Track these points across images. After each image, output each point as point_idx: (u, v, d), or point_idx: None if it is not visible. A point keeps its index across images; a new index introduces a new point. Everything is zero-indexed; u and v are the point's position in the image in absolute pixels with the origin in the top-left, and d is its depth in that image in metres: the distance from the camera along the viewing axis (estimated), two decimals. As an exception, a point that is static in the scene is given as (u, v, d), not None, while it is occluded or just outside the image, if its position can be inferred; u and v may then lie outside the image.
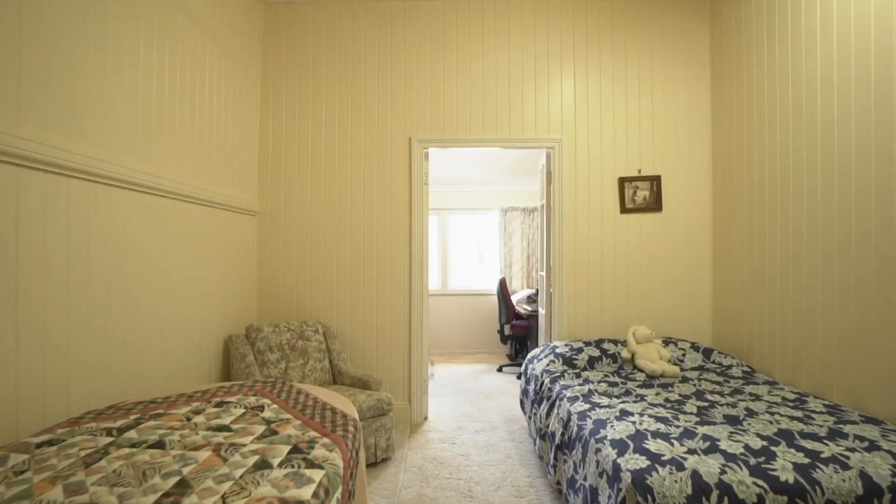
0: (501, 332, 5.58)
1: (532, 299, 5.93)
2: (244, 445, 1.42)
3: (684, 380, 2.91)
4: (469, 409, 4.05)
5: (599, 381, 2.86)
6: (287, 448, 1.40)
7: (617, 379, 2.95)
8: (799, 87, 2.75)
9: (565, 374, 3.01)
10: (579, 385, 2.78)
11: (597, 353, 3.27)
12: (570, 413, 2.42)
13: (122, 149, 2.11)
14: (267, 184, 3.70)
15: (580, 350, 3.29)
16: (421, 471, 2.86)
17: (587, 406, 2.41)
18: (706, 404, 2.41)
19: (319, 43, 3.72)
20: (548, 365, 3.19)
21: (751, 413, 2.26)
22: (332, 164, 3.70)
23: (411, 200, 3.69)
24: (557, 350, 3.32)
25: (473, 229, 6.93)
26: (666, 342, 3.39)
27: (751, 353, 3.22)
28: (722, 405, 2.39)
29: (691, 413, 2.27)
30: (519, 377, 5.09)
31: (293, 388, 2.04)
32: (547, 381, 2.99)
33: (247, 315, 3.51)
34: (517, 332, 5.26)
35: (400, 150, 3.71)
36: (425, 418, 3.77)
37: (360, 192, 3.70)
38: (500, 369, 5.48)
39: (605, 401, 2.48)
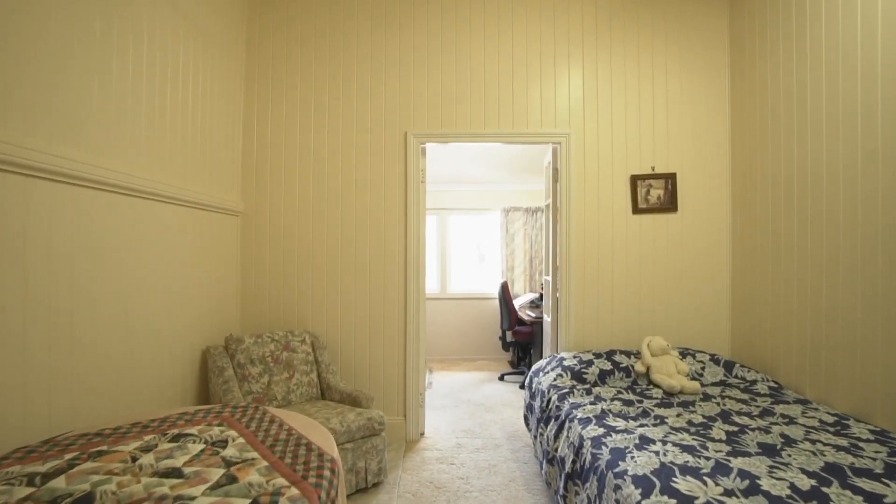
0: (503, 338, 5.31)
1: (535, 304, 5.66)
2: (192, 500, 1.15)
3: (706, 397, 2.65)
4: (469, 424, 3.78)
5: (613, 399, 2.60)
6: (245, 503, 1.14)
7: (632, 396, 2.68)
8: (835, 77, 2.48)
9: (574, 391, 2.74)
10: (591, 404, 2.52)
11: (608, 366, 3.00)
12: (582, 438, 2.15)
13: (73, 141, 1.85)
14: (251, 182, 3.43)
15: (590, 363, 3.02)
16: (416, 497, 2.59)
17: (601, 430, 2.14)
18: (735, 429, 2.14)
19: (307, 28, 3.45)
20: (555, 379, 2.93)
21: (788, 441, 1.99)
22: (322, 160, 3.44)
23: (407, 199, 3.42)
24: (565, 363, 3.06)
25: (474, 230, 6.66)
26: (683, 354, 3.12)
27: (776, 366, 2.95)
28: (753, 430, 2.12)
29: (720, 440, 2.01)
30: (522, 387, 4.83)
31: (266, 416, 1.78)
32: (554, 398, 2.72)
33: (229, 324, 3.24)
34: (520, 339, 5.00)
35: (394, 146, 3.44)
36: (422, 434, 3.50)
37: (352, 191, 3.43)
38: (501, 378, 5.22)
39: (620, 423, 2.22)
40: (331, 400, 3.02)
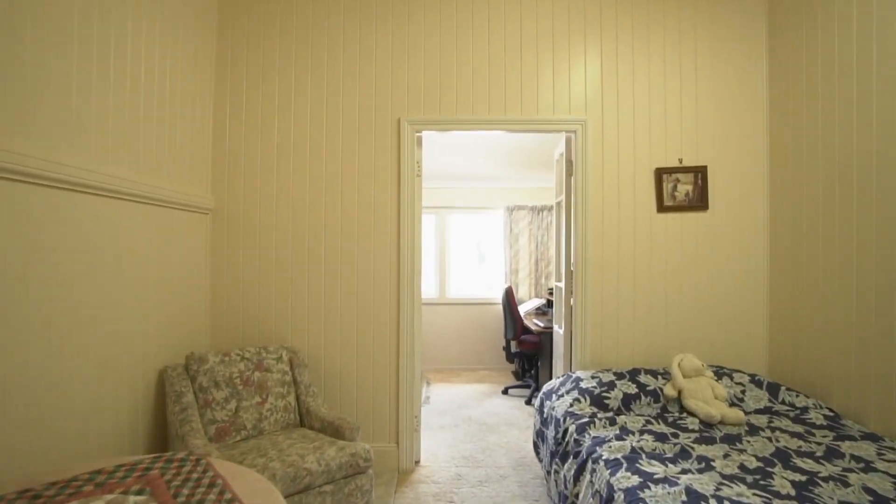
0: (507, 348, 4.89)
1: (541, 311, 5.25)
2: None
3: (752, 429, 2.23)
4: (470, 449, 3.36)
5: (642, 432, 2.18)
6: None
7: (664, 427, 2.26)
8: (912, 45, 2.06)
9: (595, 420, 2.32)
10: (617, 439, 2.10)
11: (633, 389, 2.58)
12: (611, 489, 1.73)
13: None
14: (223, 175, 3.01)
15: (611, 385, 2.60)
16: (408, 549, 2.18)
17: (636, 480, 1.72)
18: (803, 478, 1.72)
19: (286, 4, 3.03)
20: (571, 405, 2.51)
21: (879, 499, 1.57)
22: (303, 152, 3.02)
23: (400, 195, 3.00)
24: (583, 384, 2.64)
25: (475, 230, 6.24)
26: (717, 374, 2.70)
27: (829, 390, 2.53)
28: (826, 480, 1.70)
29: (789, 497, 1.59)
30: (528, 402, 4.42)
31: (206, 474, 1.35)
32: (572, 429, 2.30)
33: (196, 338, 2.83)
34: (526, 350, 4.58)
35: (386, 135, 3.02)
36: (417, 463, 3.08)
37: (338, 186, 3.01)
38: (505, 391, 4.80)
39: (658, 468, 1.80)
40: (310, 428, 2.60)
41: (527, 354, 4.65)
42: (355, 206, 3.01)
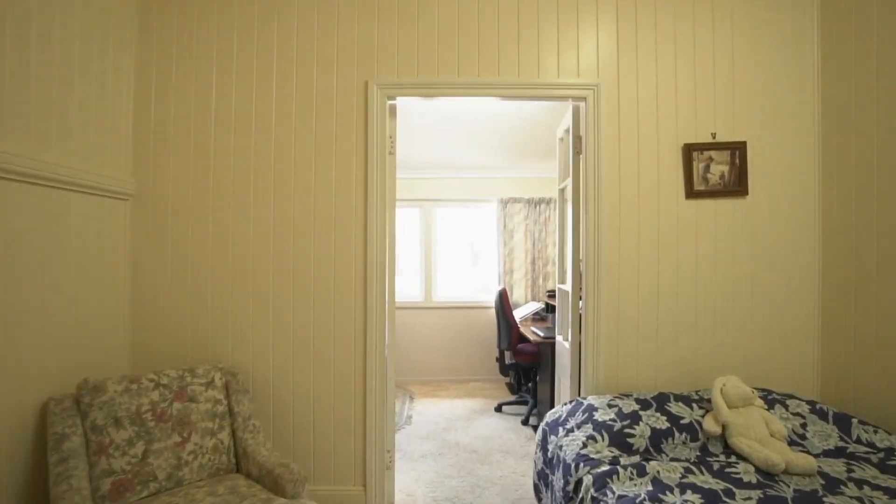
0: (501, 359, 4.31)
1: (540, 316, 4.68)
2: None
3: (830, 483, 1.66)
4: (457, 487, 2.77)
5: (683, 487, 1.61)
6: None
7: (710, 479, 1.69)
8: None
9: (619, 469, 1.74)
10: (651, 499, 1.53)
11: (663, 422, 2.01)
12: None
13: None
14: (147, 154, 2.41)
15: (635, 417, 2.03)
16: None
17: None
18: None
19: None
20: (585, 445, 1.93)
21: None
22: (247, 123, 2.42)
23: (368, 177, 2.42)
24: (598, 416, 2.06)
25: (465, 226, 5.65)
26: (767, 400, 2.14)
27: (913, 423, 1.98)
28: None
29: None
30: (525, 422, 3.85)
31: None
32: (588, 481, 1.73)
33: (110, 359, 2.23)
34: (522, 362, 4.00)
35: (350, 102, 2.43)
36: (390, 508, 2.50)
37: (290, 166, 2.42)
38: (498, 408, 4.22)
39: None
40: (247, 475, 2.01)
41: (523, 367, 4.08)
42: (312, 191, 2.42)
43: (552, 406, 3.16)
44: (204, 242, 2.40)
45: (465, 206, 5.55)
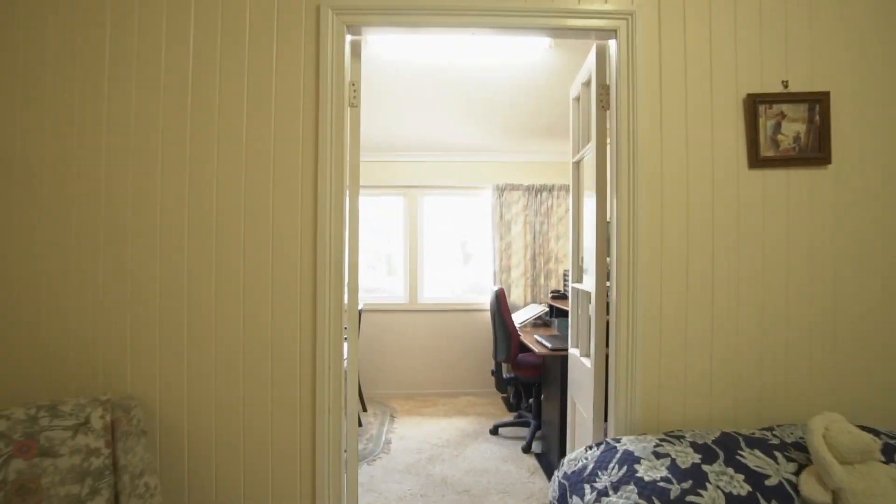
0: (497, 372, 3.67)
1: (543, 321, 4.05)
2: None
3: None
4: (442, 547, 2.13)
5: None
6: None
7: None
8: None
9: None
10: None
11: (739, 484, 1.38)
12: None
13: None
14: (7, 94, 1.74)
15: (699, 475, 1.39)
16: None
17: None
18: None
19: None
20: (629, 522, 1.30)
21: None
22: (151, 56, 1.76)
23: (319, 137, 1.76)
24: (642, 472, 1.42)
25: (456, 216, 5.00)
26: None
27: None
28: None
29: None
30: (526, 450, 3.23)
31: None
32: None
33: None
34: (524, 376, 3.37)
35: (294, 34, 1.78)
36: (350, 587, 1.85)
37: (211, 120, 1.76)
38: (494, 430, 3.58)
39: None
40: (124, 567, 1.35)
41: (524, 382, 3.44)
42: (242, 153, 1.77)
43: (562, 429, 2.54)
44: (89, 223, 1.73)
45: (455, 194, 4.89)
